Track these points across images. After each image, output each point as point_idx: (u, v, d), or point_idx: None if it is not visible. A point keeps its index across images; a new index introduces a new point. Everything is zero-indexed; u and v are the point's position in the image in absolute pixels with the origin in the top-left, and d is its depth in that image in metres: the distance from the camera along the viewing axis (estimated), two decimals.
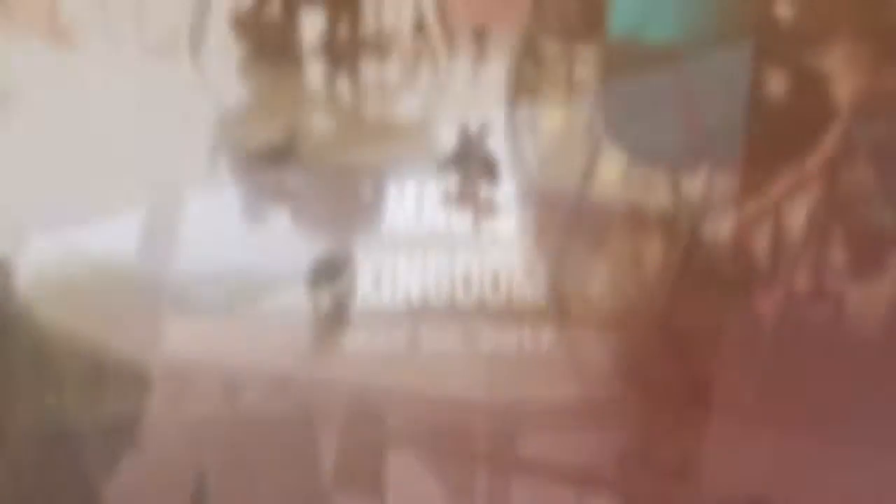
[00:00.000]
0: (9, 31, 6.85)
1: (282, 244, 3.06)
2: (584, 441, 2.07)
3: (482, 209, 3.39)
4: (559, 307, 2.72)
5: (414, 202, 3.45)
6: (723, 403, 2.11)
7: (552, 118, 4.87)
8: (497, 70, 5.42)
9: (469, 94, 5.33)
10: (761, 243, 2.94)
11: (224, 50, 6.29)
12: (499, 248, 3.11)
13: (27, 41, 6.57)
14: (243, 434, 1.95)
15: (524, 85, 4.90)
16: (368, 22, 6.30)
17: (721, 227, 2.76)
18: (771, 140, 2.41)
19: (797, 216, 2.57)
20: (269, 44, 5.18)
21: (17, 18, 6.59)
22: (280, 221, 3.37)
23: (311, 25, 5.84)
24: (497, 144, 4.24)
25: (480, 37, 6.33)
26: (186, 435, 1.91)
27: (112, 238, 3.05)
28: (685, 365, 2.33)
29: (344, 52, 5.56)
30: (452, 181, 3.55)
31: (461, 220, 3.32)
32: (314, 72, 5.52)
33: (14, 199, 3.29)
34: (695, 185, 2.62)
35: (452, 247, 3.07)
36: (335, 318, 2.51)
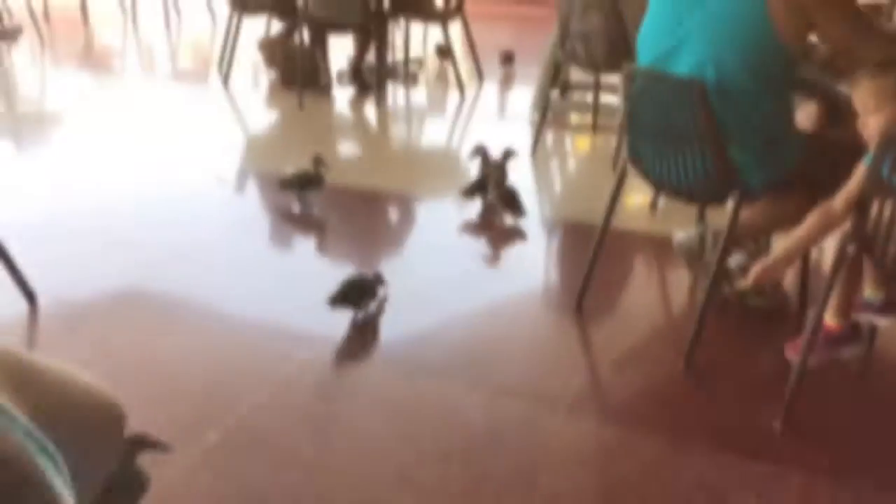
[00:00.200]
0: (58, 63, 7.01)
1: (309, 266, 3.10)
2: None
3: (503, 235, 3.41)
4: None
5: (437, 227, 3.48)
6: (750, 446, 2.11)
7: (580, 145, 4.90)
8: (524, 97, 5.47)
9: (495, 122, 5.38)
10: (790, 278, 2.94)
11: (253, 76, 6.43)
12: (523, 274, 3.12)
13: (74, 71, 6.72)
14: None
15: (551, 112, 4.95)
16: (396, 49, 6.41)
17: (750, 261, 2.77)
18: (801, 171, 2.43)
19: (827, 251, 2.58)
20: (297, 70, 5.26)
21: (63, 53, 6.76)
22: (307, 244, 3.41)
23: (340, 52, 5.96)
24: (522, 171, 4.26)
25: (507, 64, 6.41)
26: None
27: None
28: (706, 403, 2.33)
29: (372, 79, 5.64)
30: (474, 208, 3.57)
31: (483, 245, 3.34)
32: (342, 98, 5.61)
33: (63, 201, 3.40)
34: (721, 215, 2.62)
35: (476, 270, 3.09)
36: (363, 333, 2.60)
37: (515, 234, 3.50)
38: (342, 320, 2.75)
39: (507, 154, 3.67)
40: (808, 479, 2.01)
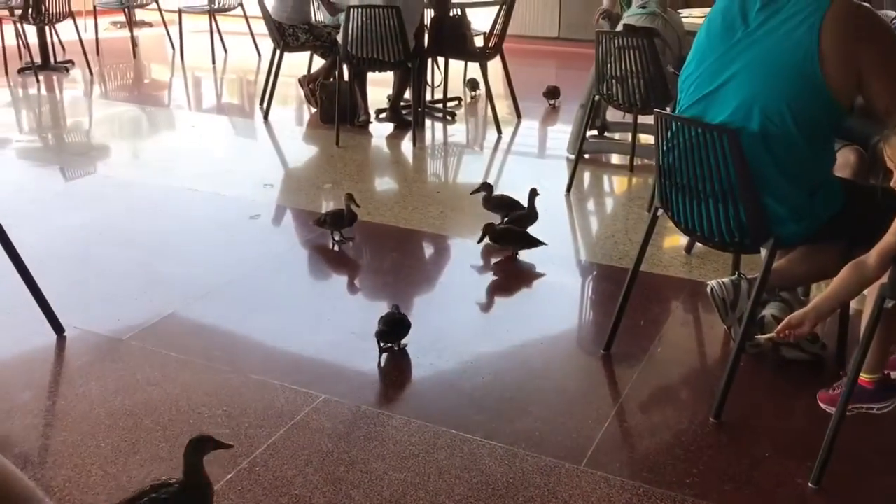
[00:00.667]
0: (106, 96, 7.19)
1: (339, 303, 3.08)
2: None
3: (534, 278, 3.36)
4: None
5: (469, 267, 3.45)
6: None
7: (616, 184, 4.85)
8: (562, 136, 5.44)
9: (533, 160, 5.36)
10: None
11: (294, 112, 6.52)
12: (553, 317, 3.07)
13: (122, 104, 6.88)
14: None
15: (588, 152, 4.91)
16: (436, 88, 6.45)
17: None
18: (838, 221, 2.35)
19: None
20: (335, 106, 5.31)
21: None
22: (338, 282, 3.40)
23: (378, 90, 6.01)
24: (556, 211, 4.22)
25: (552, 99, 6.39)
26: None
27: None
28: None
29: (409, 115, 5.68)
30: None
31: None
32: (379, 135, 5.64)
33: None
34: (758, 263, 2.55)
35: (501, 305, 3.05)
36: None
37: (548, 277, 3.46)
38: (365, 360, 2.72)
39: (532, 193, 3.68)
40: None
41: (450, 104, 6.29)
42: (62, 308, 2.86)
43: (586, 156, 4.95)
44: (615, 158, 5.16)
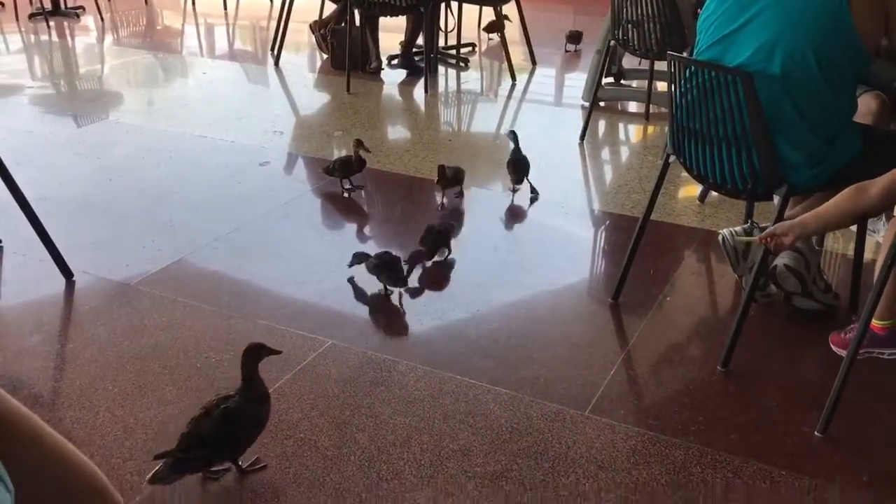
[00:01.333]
0: (118, 42, 7.14)
1: (347, 249, 3.05)
2: None
3: (546, 226, 3.33)
4: None
5: (480, 216, 3.43)
6: None
7: (632, 132, 4.77)
8: (578, 83, 5.34)
9: (547, 107, 5.28)
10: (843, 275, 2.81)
11: (307, 58, 6.44)
12: (563, 265, 3.04)
13: (134, 51, 6.83)
14: None
15: (603, 99, 4.82)
16: (449, 33, 6.33)
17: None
18: (855, 168, 2.30)
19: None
20: (346, 52, 5.24)
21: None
22: (348, 229, 3.37)
23: (390, 36, 5.91)
24: (570, 159, 4.17)
25: (574, 44, 6.27)
26: None
27: None
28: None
29: (421, 62, 5.59)
30: (521, 197, 3.51)
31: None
32: (391, 82, 5.57)
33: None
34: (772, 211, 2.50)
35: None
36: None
37: (559, 226, 3.42)
38: (372, 307, 2.72)
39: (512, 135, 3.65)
40: (845, 493, 1.91)
41: (463, 50, 6.18)
42: (72, 253, 2.87)
43: (601, 104, 4.86)
44: (631, 106, 5.07)
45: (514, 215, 3.52)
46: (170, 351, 2.43)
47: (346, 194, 3.65)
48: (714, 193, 3.41)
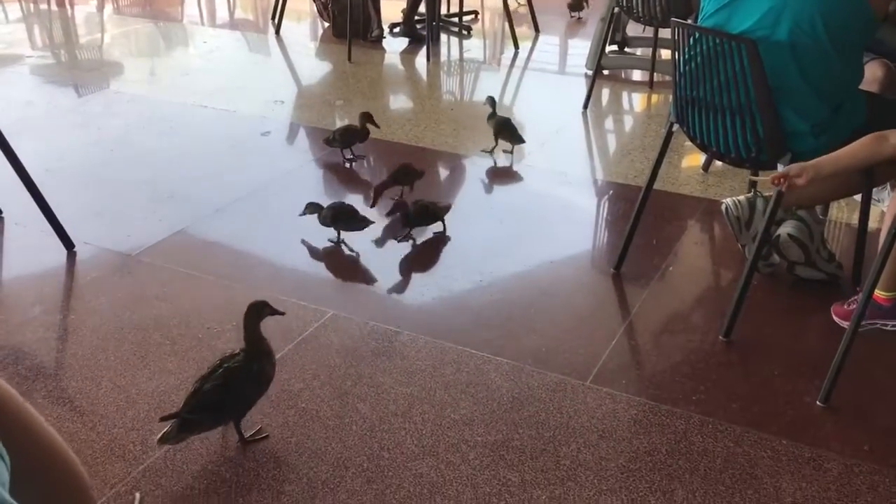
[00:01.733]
0: (119, 11, 7.08)
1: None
2: None
3: (549, 196, 3.31)
4: None
5: (482, 186, 3.41)
6: None
7: (635, 101, 4.73)
8: (582, 51, 5.29)
9: (550, 76, 5.23)
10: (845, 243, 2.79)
11: (303, 27, 6.38)
12: (565, 235, 3.03)
13: (134, 20, 6.77)
14: None
15: (607, 67, 4.77)
16: (451, 1, 6.26)
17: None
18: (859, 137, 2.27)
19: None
20: (347, 20, 5.18)
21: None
22: (350, 200, 3.35)
23: (391, 4, 5.85)
24: (573, 128, 4.14)
25: (578, 10, 6.19)
26: None
27: None
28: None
29: (423, 30, 5.53)
30: (522, 168, 3.50)
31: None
32: (393, 51, 5.51)
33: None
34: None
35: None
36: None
37: (561, 196, 3.41)
38: (374, 277, 2.72)
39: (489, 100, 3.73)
40: (846, 462, 1.91)
41: (466, 18, 6.12)
42: (72, 224, 2.86)
43: (605, 72, 4.82)
44: (635, 74, 5.02)
45: (517, 185, 3.50)
46: (171, 321, 2.44)
47: (347, 164, 3.63)
48: (718, 163, 3.39)
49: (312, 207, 2.90)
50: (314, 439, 1.97)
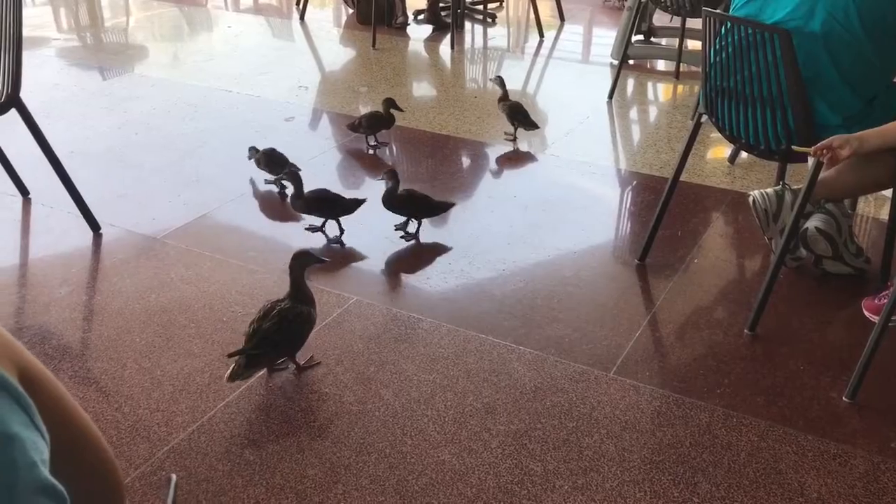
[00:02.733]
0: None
1: (371, 208, 3.02)
2: None
3: (573, 186, 3.29)
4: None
5: (506, 175, 3.40)
6: None
7: (661, 91, 4.69)
8: (606, 40, 5.25)
9: (575, 65, 5.19)
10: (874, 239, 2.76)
11: (327, 13, 6.37)
12: (589, 226, 3.01)
13: (159, 4, 6.80)
14: None
15: (633, 57, 4.73)
16: None
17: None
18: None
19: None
20: (372, 6, 5.17)
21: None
22: (372, 187, 3.33)
23: None
24: (598, 117, 4.11)
25: (589, 7, 6.16)
26: None
27: None
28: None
29: (447, 17, 5.51)
30: (545, 157, 3.48)
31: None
32: (417, 38, 5.50)
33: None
34: (804, 174, 2.45)
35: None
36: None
37: (585, 186, 3.39)
38: (398, 264, 2.72)
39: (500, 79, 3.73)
40: (872, 459, 1.89)
41: (490, 6, 6.09)
42: (99, 206, 2.88)
43: (631, 62, 4.78)
44: (661, 65, 4.98)
45: (541, 173, 3.48)
46: (196, 304, 2.45)
47: (370, 151, 3.63)
48: (744, 155, 3.36)
49: (252, 151, 3.26)
50: (337, 424, 1.98)
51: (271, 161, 3.21)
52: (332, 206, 2.87)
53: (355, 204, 2.87)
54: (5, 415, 0.63)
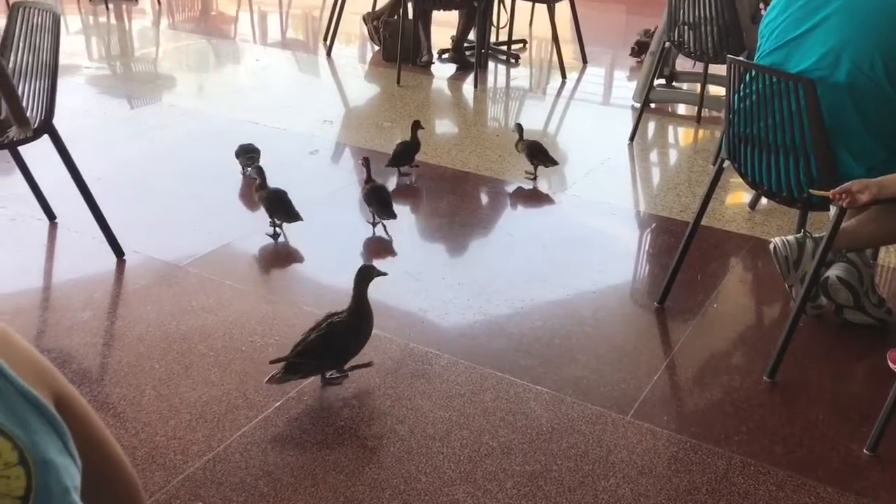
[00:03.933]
0: (174, 27, 7.23)
1: (391, 242, 3.06)
2: None
3: (593, 228, 3.30)
4: None
5: (526, 213, 3.42)
6: None
7: (682, 135, 4.71)
8: (628, 83, 5.29)
9: (596, 107, 5.23)
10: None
11: (354, 49, 6.47)
12: (609, 267, 3.01)
13: (188, 35, 6.92)
14: None
15: (654, 101, 4.76)
16: (501, 29, 6.30)
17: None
18: None
19: None
20: (398, 44, 5.25)
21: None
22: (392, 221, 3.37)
23: (442, 31, 5.90)
24: (619, 160, 4.13)
25: (612, 49, 6.20)
26: None
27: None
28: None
29: (472, 57, 5.57)
30: (565, 199, 3.50)
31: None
32: (441, 76, 5.56)
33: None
34: (826, 222, 2.45)
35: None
36: None
37: (605, 227, 3.40)
38: (416, 298, 2.73)
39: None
40: None
41: (514, 47, 6.16)
42: (123, 232, 2.92)
43: (652, 105, 4.81)
44: (682, 109, 5.01)
45: (560, 213, 3.49)
46: (215, 333, 2.47)
47: (406, 181, 3.67)
48: (765, 201, 3.36)
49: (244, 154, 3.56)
50: (351, 458, 1.98)
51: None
52: (278, 207, 3.05)
53: (297, 216, 3.03)
54: (42, 441, 0.64)
